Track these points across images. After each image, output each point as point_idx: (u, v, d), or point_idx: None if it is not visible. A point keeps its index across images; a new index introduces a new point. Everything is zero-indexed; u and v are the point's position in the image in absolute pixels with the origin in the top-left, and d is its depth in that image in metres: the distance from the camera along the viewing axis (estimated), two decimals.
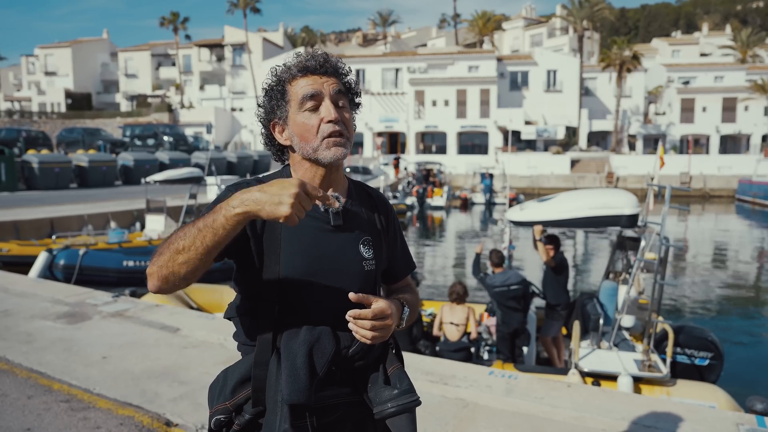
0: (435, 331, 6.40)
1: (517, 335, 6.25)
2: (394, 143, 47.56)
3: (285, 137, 1.49)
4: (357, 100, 1.55)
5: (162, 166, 25.17)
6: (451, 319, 6.23)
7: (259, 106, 1.52)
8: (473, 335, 6.32)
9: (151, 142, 35.65)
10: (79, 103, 56.46)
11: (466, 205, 29.47)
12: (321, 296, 1.40)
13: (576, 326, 5.51)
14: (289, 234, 1.42)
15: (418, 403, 1.42)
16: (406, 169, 34.41)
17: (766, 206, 29.30)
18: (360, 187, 1.63)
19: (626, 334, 5.83)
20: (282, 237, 1.41)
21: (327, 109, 1.42)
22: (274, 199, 1.16)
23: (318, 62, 1.45)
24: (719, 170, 35.90)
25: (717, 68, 46.28)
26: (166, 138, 35.76)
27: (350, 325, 1.35)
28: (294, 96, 1.44)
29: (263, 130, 1.54)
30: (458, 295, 6.25)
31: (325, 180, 1.48)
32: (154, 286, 1.26)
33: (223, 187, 12.22)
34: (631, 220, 5.40)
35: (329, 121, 1.41)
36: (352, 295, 1.34)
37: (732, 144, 44.53)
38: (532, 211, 5.92)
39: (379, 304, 1.36)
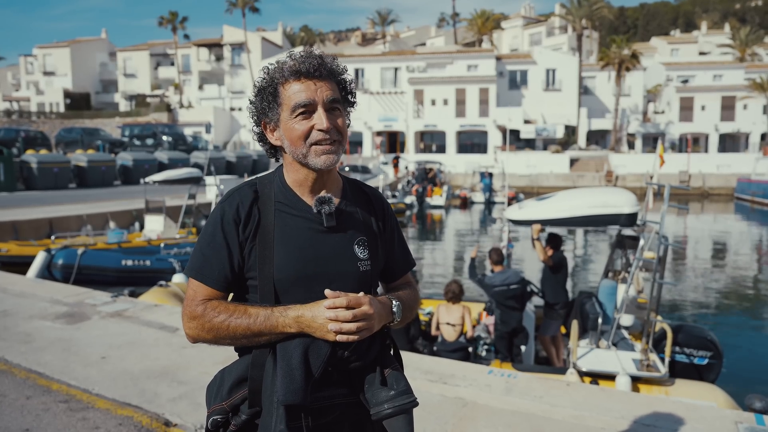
0: (433, 331, 6.40)
1: (516, 334, 6.25)
2: (393, 142, 47.54)
3: (276, 138, 1.49)
4: (351, 99, 1.54)
5: (161, 166, 25.15)
6: (447, 320, 6.21)
7: (251, 102, 1.51)
8: (469, 334, 6.30)
9: (150, 141, 35.60)
10: (77, 102, 56.40)
11: (465, 204, 29.47)
12: (316, 297, 1.39)
13: (574, 325, 5.51)
14: (282, 236, 1.42)
15: (415, 404, 1.41)
16: (406, 168, 34.40)
17: (764, 205, 29.32)
18: (356, 186, 1.62)
19: (625, 334, 5.83)
20: (275, 239, 1.42)
21: (320, 118, 1.41)
22: (321, 328, 1.34)
23: (312, 66, 1.42)
24: (718, 169, 35.92)
25: (716, 67, 46.29)
26: (165, 138, 35.70)
27: (331, 326, 1.33)
28: (286, 101, 1.42)
29: (256, 128, 1.54)
30: (454, 294, 6.24)
31: (318, 182, 1.47)
32: (190, 342, 1.49)
33: (222, 187, 12.21)
34: (630, 219, 5.40)
35: (320, 130, 1.40)
36: (328, 292, 1.36)
37: (731, 142, 44.54)
38: (531, 209, 5.92)
39: (355, 295, 1.37)
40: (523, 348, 6.43)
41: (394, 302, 1.49)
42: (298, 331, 1.34)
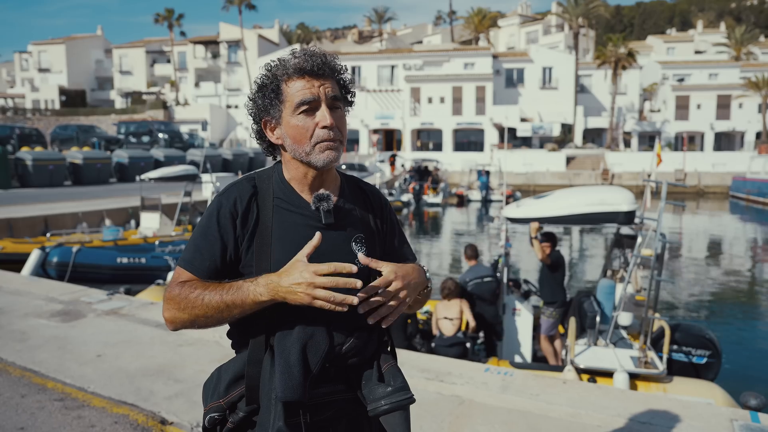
0: (434, 330, 6.39)
1: (492, 329, 6.26)
2: (389, 140, 47.49)
3: (276, 136, 1.47)
4: (351, 98, 1.54)
5: (157, 164, 25.06)
6: (445, 314, 6.22)
7: (250, 99, 1.50)
8: (472, 324, 6.28)
9: (145, 139, 35.44)
10: (73, 100, 56.14)
11: (462, 202, 29.47)
12: None
13: (572, 322, 5.52)
14: (280, 233, 1.42)
15: (412, 400, 1.41)
16: (403, 166, 34.38)
17: (759, 203, 29.44)
18: (353, 183, 1.61)
19: (623, 333, 5.82)
20: (273, 236, 1.41)
21: (323, 115, 1.40)
22: (291, 290, 1.28)
23: (316, 64, 1.41)
24: (713, 167, 36.01)
25: (711, 65, 46.37)
26: (161, 135, 35.56)
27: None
28: (289, 98, 1.41)
29: (254, 125, 1.52)
30: (450, 290, 6.23)
31: (316, 180, 1.47)
32: (169, 328, 1.43)
33: (218, 185, 12.17)
34: (628, 217, 5.41)
35: (324, 127, 1.40)
36: (361, 257, 1.38)
37: (726, 141, 44.66)
38: (528, 208, 5.92)
39: (386, 268, 1.37)
40: (498, 344, 6.45)
41: (425, 268, 1.50)
42: (270, 298, 1.30)
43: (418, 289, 1.43)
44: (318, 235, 1.33)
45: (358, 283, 1.28)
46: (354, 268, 1.28)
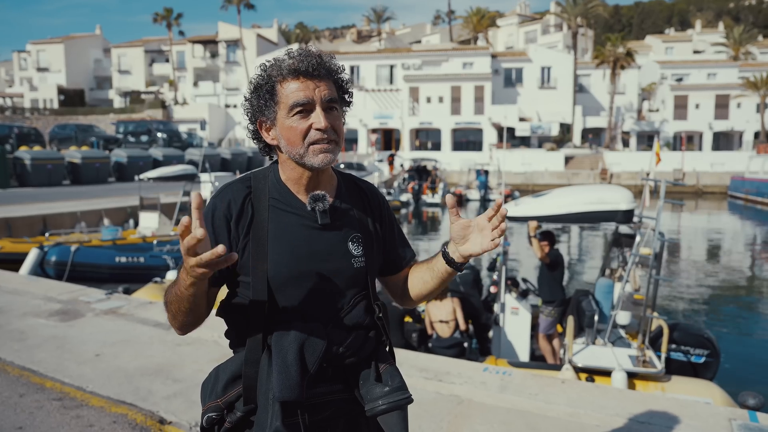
0: (429, 330, 6.39)
1: (477, 321, 6.25)
2: (388, 140, 47.48)
3: (272, 137, 1.47)
4: (348, 98, 1.53)
5: (156, 163, 25.05)
6: (439, 317, 6.15)
7: (246, 99, 1.49)
8: (462, 327, 6.25)
9: (144, 138, 35.44)
10: (71, 99, 56.08)
11: (461, 201, 29.47)
12: (310, 294, 1.39)
13: (570, 321, 5.52)
14: (276, 233, 1.42)
15: (409, 400, 1.41)
16: (401, 165, 34.37)
17: (758, 203, 29.46)
18: (351, 181, 1.61)
19: (622, 333, 5.83)
20: (269, 236, 1.41)
21: (318, 117, 1.39)
22: (188, 274, 1.20)
23: (311, 65, 1.40)
24: (712, 167, 36.05)
25: (710, 65, 46.42)
26: (159, 135, 35.57)
27: (494, 231, 1.39)
28: (284, 99, 1.40)
29: (251, 126, 1.52)
30: None
31: (312, 180, 1.46)
32: (179, 335, 1.43)
33: (217, 184, 12.16)
34: (626, 216, 5.40)
35: (318, 129, 1.39)
36: (449, 198, 1.46)
37: (725, 141, 44.71)
38: (527, 206, 5.91)
39: (497, 200, 1.43)
40: (490, 334, 6.43)
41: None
42: (192, 282, 1.22)
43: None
44: (221, 247, 1.17)
45: (220, 248, 1.14)
46: (220, 249, 1.13)
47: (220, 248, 1.13)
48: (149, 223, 12.99)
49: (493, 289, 7.28)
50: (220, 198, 1.45)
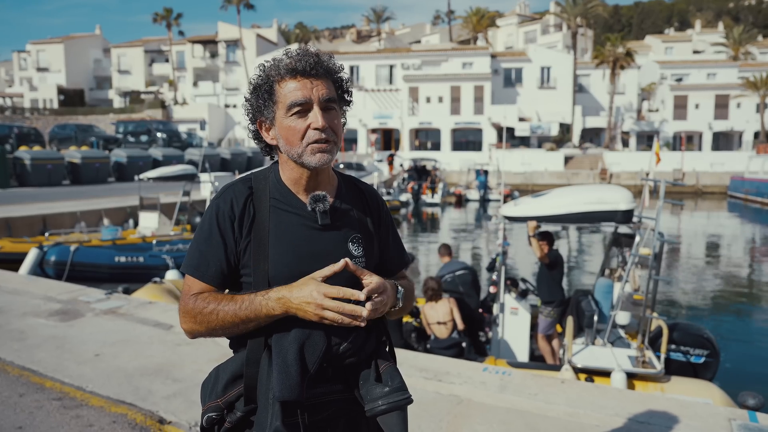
0: (428, 331, 6.38)
1: (474, 322, 6.24)
2: (388, 140, 47.48)
3: (271, 137, 1.48)
4: (348, 98, 1.53)
5: (155, 163, 25.03)
6: (436, 319, 6.13)
7: (246, 99, 1.50)
8: (460, 327, 6.25)
9: (144, 138, 35.42)
10: (71, 99, 56.06)
11: (460, 201, 29.48)
12: None
13: (569, 321, 5.52)
14: (277, 234, 1.42)
15: (409, 401, 1.41)
16: (401, 165, 34.37)
17: (757, 203, 29.47)
18: (350, 182, 1.61)
19: (621, 333, 5.83)
20: (270, 237, 1.41)
21: (315, 117, 1.40)
22: (300, 307, 1.31)
23: (309, 64, 1.40)
24: (712, 167, 36.05)
25: (710, 65, 46.42)
26: (159, 134, 35.54)
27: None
28: (282, 99, 1.41)
29: (251, 126, 1.52)
30: (433, 291, 6.13)
31: (312, 180, 1.47)
32: (189, 337, 1.46)
33: (217, 184, 12.16)
34: (626, 216, 5.40)
35: (316, 128, 1.39)
36: (347, 262, 1.36)
37: (724, 141, 44.72)
38: (526, 206, 5.91)
39: (373, 279, 1.38)
40: (489, 334, 6.43)
41: (399, 288, 1.49)
42: (283, 312, 1.33)
43: (388, 306, 1.43)
44: (343, 261, 1.35)
45: (364, 312, 1.31)
46: (362, 296, 1.31)
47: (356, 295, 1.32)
48: (149, 223, 12.98)
49: (492, 290, 7.28)
50: (223, 199, 1.46)
